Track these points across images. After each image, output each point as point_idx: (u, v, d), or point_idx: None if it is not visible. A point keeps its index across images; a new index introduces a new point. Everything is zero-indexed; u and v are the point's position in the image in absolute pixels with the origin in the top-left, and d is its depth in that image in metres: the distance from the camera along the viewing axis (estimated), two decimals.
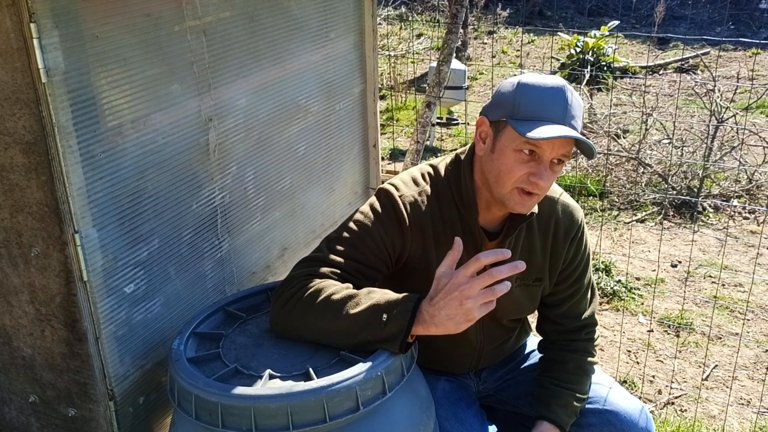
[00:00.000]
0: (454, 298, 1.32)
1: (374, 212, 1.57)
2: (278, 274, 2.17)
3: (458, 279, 1.33)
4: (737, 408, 2.73)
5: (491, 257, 1.32)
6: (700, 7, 11.20)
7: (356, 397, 1.33)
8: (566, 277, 1.71)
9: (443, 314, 1.34)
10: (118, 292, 1.57)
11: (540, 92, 1.45)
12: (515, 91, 1.47)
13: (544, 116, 1.42)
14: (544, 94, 1.44)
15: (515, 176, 1.46)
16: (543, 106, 1.43)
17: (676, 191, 4.62)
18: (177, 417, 1.48)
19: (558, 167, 1.48)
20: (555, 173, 1.48)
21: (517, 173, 1.46)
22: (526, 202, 1.50)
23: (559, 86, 1.45)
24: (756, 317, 3.36)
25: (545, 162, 1.45)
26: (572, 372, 1.73)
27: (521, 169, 1.46)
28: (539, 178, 1.44)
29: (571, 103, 1.44)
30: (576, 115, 1.45)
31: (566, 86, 1.46)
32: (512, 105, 1.46)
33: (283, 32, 2.02)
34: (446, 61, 3.92)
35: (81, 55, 1.39)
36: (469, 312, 1.32)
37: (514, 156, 1.46)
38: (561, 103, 1.43)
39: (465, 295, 1.31)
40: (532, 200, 1.50)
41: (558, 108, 1.43)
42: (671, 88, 6.96)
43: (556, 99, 1.44)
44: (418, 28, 9.94)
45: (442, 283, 1.36)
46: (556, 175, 1.49)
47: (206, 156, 1.79)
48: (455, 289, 1.32)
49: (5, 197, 1.44)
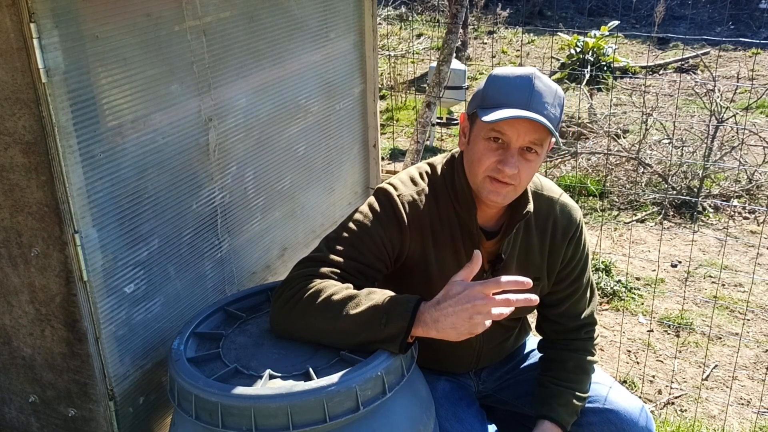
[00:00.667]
0: (465, 310, 1.33)
1: (373, 212, 1.57)
2: (278, 274, 2.17)
3: (475, 293, 1.34)
4: (737, 408, 2.73)
5: (512, 283, 1.34)
6: (700, 7, 11.20)
7: (356, 397, 1.33)
8: (565, 277, 1.71)
9: (449, 322, 1.34)
10: (118, 292, 1.57)
11: (506, 80, 1.46)
12: (486, 82, 1.51)
13: (508, 102, 1.43)
14: (510, 82, 1.45)
15: (485, 164, 1.47)
16: (508, 92, 1.44)
17: (676, 191, 4.62)
18: (177, 417, 1.48)
19: (531, 156, 1.46)
20: (528, 162, 1.47)
21: (486, 161, 1.47)
22: (499, 191, 1.49)
23: (526, 74, 1.46)
24: (756, 317, 3.36)
25: (513, 149, 1.45)
26: (572, 371, 1.73)
27: (490, 157, 1.47)
28: (504, 164, 1.45)
29: (538, 89, 1.43)
30: (546, 101, 1.44)
31: (535, 74, 1.46)
32: (482, 95, 1.49)
33: (283, 32, 2.02)
34: (446, 61, 3.93)
35: (81, 55, 1.39)
36: (475, 327, 1.34)
37: (483, 144, 1.48)
38: (526, 89, 1.43)
39: (477, 311, 1.33)
40: (506, 189, 1.49)
41: (522, 93, 1.43)
42: (671, 88, 6.97)
43: (521, 85, 1.44)
44: (418, 28, 9.94)
45: (454, 290, 1.36)
46: (530, 165, 1.47)
47: (206, 156, 1.79)
48: (469, 301, 1.33)
49: (5, 197, 1.44)
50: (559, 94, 1.48)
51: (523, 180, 1.49)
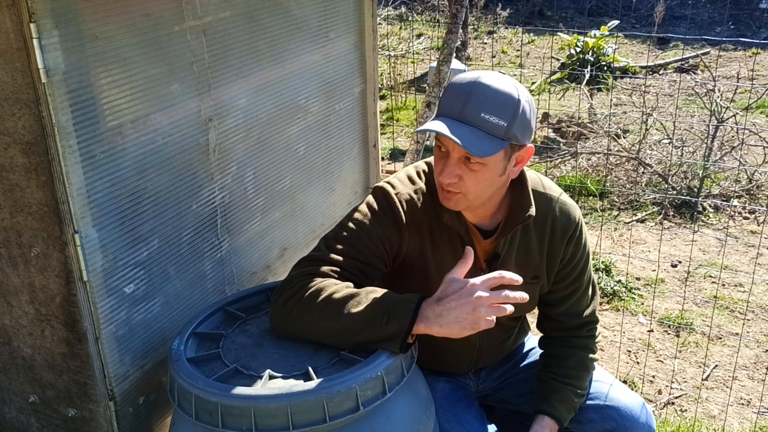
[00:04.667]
0: (469, 303, 1.35)
1: (371, 210, 1.57)
2: (278, 274, 2.17)
3: (476, 287, 1.36)
4: (737, 408, 2.73)
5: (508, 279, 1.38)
6: (700, 7, 11.20)
7: (356, 397, 1.33)
8: (565, 276, 1.71)
9: (452, 316, 1.35)
10: (118, 292, 1.57)
11: (450, 89, 1.47)
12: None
13: (444, 111, 1.45)
14: (453, 90, 1.46)
15: (437, 172, 1.51)
16: (447, 101, 1.45)
17: (676, 191, 4.62)
18: (177, 417, 1.48)
19: (473, 166, 1.44)
20: (473, 171, 1.44)
21: (437, 169, 1.50)
22: (450, 198, 1.50)
23: (471, 79, 1.44)
24: (756, 317, 3.36)
25: (451, 159, 1.46)
26: (573, 368, 1.73)
27: (438, 165, 1.50)
28: (441, 174, 1.47)
29: (476, 98, 1.40)
30: (482, 110, 1.40)
31: (479, 79, 1.42)
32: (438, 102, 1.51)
33: (283, 32, 2.02)
34: (446, 61, 3.93)
35: (81, 55, 1.39)
36: (478, 320, 1.35)
37: (436, 152, 1.51)
38: (461, 98, 1.42)
39: (480, 303, 1.34)
40: (455, 197, 1.49)
41: (457, 103, 1.43)
42: (671, 88, 6.96)
43: (459, 94, 1.43)
44: (418, 28, 9.94)
45: (454, 287, 1.38)
46: (476, 174, 1.45)
47: (206, 156, 1.79)
48: (471, 294, 1.35)
49: (5, 197, 1.44)
50: (509, 101, 1.42)
51: (470, 189, 1.47)
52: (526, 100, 1.45)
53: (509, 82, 1.45)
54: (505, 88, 1.43)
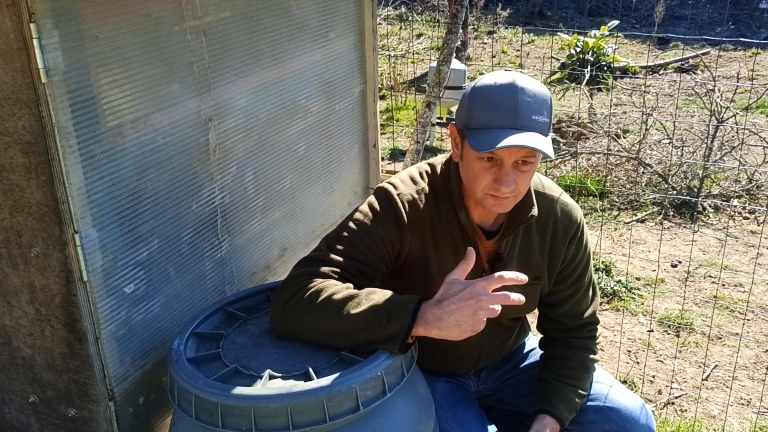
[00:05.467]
0: (469, 306, 1.34)
1: (373, 211, 1.57)
2: (278, 274, 2.17)
3: (477, 289, 1.35)
4: (737, 408, 2.73)
5: (511, 279, 1.36)
6: (700, 7, 11.20)
7: (356, 397, 1.33)
8: (566, 277, 1.71)
9: (452, 319, 1.35)
10: (118, 292, 1.57)
11: (490, 97, 1.44)
12: (469, 98, 1.48)
13: (494, 123, 1.42)
14: (494, 99, 1.43)
15: (482, 184, 1.48)
16: (492, 112, 1.42)
17: (676, 191, 4.62)
18: (177, 417, 1.48)
19: (526, 167, 1.46)
20: (524, 173, 1.46)
21: (483, 181, 1.47)
22: (501, 203, 1.50)
23: (507, 85, 1.42)
24: (756, 317, 3.36)
25: (507, 167, 1.45)
26: (574, 368, 1.73)
27: (486, 176, 1.47)
28: (500, 183, 1.45)
29: (523, 102, 1.41)
30: (532, 113, 1.42)
31: (515, 83, 1.42)
32: (467, 114, 1.48)
33: (283, 32, 2.02)
34: (446, 61, 3.93)
35: (81, 55, 1.39)
36: (479, 323, 1.35)
37: (477, 164, 1.48)
38: (510, 106, 1.41)
39: (481, 306, 1.34)
40: (508, 201, 1.50)
41: (507, 112, 1.41)
42: (671, 88, 6.96)
43: (505, 103, 1.42)
44: (418, 28, 9.94)
45: (455, 289, 1.37)
46: (526, 175, 1.47)
47: (206, 156, 1.79)
48: (472, 297, 1.34)
49: (5, 197, 1.44)
50: (545, 98, 1.45)
51: (522, 189, 1.49)
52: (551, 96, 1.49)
53: (535, 80, 1.47)
54: (539, 87, 1.45)
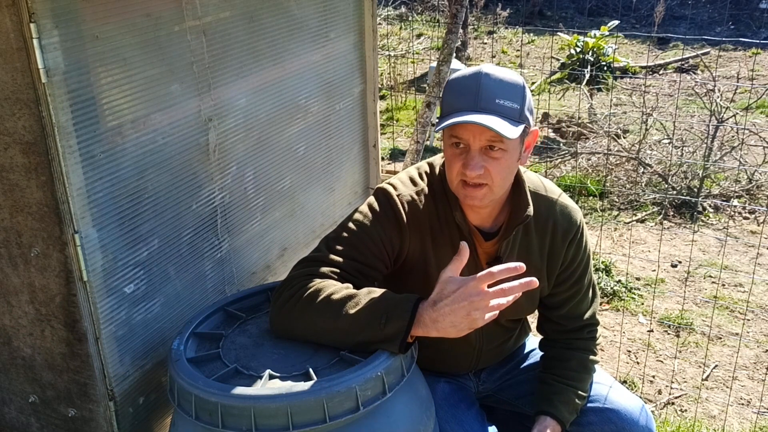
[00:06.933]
0: (462, 308, 1.33)
1: (372, 212, 1.57)
2: (278, 274, 2.17)
3: (469, 289, 1.34)
4: (737, 408, 2.73)
5: (505, 271, 1.34)
6: (700, 7, 11.20)
7: (356, 397, 1.33)
8: (566, 278, 1.71)
9: (448, 321, 1.35)
10: (118, 292, 1.57)
11: (456, 84, 1.48)
12: (443, 90, 1.53)
13: (457, 107, 1.45)
14: (459, 85, 1.47)
15: (454, 170, 1.49)
16: (456, 97, 1.46)
17: (676, 191, 4.62)
18: (177, 417, 1.48)
19: (496, 153, 1.46)
20: (495, 160, 1.46)
21: (454, 167, 1.49)
22: (474, 194, 1.49)
23: (473, 73, 1.46)
24: (756, 317, 3.36)
25: (473, 151, 1.46)
26: (575, 369, 1.73)
27: (456, 162, 1.48)
28: (466, 167, 1.46)
29: (486, 87, 1.43)
30: (496, 97, 1.43)
31: (483, 71, 1.45)
32: (441, 104, 1.52)
33: (283, 32, 2.02)
34: (446, 61, 3.92)
35: (81, 55, 1.39)
36: (475, 322, 1.34)
37: (449, 151, 1.50)
38: (472, 90, 1.44)
39: (474, 307, 1.33)
40: (481, 191, 1.49)
41: (469, 95, 1.44)
42: (671, 88, 6.96)
43: (468, 86, 1.45)
44: (418, 28, 9.94)
45: (449, 289, 1.36)
46: (498, 162, 1.46)
47: (206, 156, 1.79)
48: (464, 299, 1.34)
49: (5, 197, 1.44)
50: (515, 83, 1.46)
51: (495, 179, 1.48)
52: (525, 84, 1.50)
53: (507, 69, 1.49)
54: (509, 73, 1.47)
